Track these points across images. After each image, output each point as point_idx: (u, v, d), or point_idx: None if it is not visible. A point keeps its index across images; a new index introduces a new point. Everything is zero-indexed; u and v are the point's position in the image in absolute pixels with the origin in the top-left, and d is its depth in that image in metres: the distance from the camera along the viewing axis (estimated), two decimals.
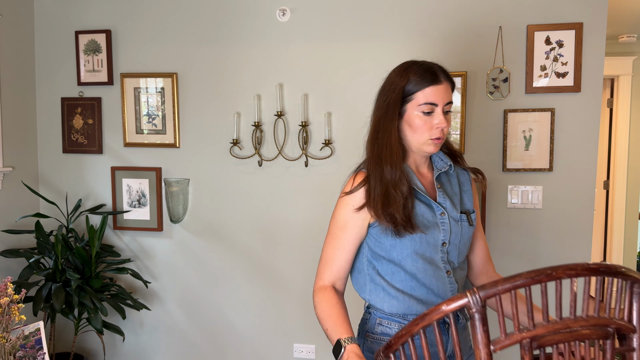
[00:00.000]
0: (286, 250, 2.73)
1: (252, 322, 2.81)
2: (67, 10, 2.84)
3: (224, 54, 2.71)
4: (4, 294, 1.57)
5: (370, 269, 1.45)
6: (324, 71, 2.62)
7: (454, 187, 1.46)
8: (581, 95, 2.41)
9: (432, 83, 1.32)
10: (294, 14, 2.62)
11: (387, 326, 1.43)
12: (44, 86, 2.91)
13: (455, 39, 2.49)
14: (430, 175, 1.46)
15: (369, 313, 1.49)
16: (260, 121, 2.68)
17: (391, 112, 1.35)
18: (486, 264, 1.56)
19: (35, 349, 1.64)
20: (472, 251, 1.54)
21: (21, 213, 2.81)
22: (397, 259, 1.38)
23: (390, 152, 1.35)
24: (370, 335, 1.47)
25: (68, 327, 2.98)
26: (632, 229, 4.56)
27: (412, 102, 1.34)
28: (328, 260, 1.46)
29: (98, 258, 2.65)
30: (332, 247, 1.45)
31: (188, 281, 2.85)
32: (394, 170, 1.34)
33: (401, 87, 1.35)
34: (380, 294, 1.43)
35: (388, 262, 1.40)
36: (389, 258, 1.39)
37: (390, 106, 1.35)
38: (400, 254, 1.37)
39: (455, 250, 1.41)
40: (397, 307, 1.40)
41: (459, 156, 1.51)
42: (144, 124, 2.81)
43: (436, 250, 1.38)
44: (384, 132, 1.36)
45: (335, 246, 1.44)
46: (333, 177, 2.65)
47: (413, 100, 1.33)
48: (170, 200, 2.76)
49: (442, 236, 1.38)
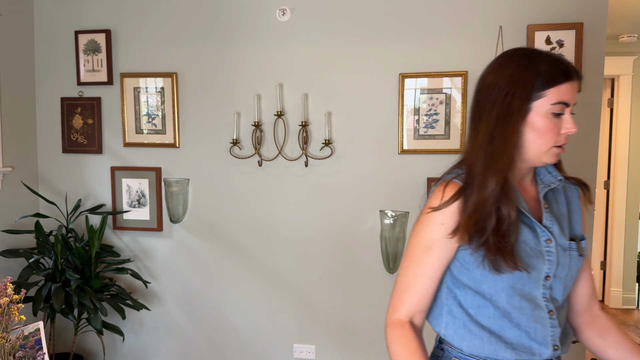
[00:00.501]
0: (286, 250, 2.73)
1: (252, 322, 2.80)
2: (67, 10, 2.84)
3: (224, 53, 2.70)
4: (4, 294, 1.57)
5: (450, 299, 1.20)
6: (324, 71, 2.62)
7: (561, 207, 1.20)
8: (581, 95, 2.41)
9: (567, 79, 1.08)
10: (294, 13, 2.62)
11: None
12: (43, 86, 2.91)
13: (455, 38, 2.49)
14: (533, 190, 1.20)
15: (441, 349, 1.23)
16: (260, 121, 2.68)
17: (516, 112, 1.08)
18: (591, 300, 1.28)
19: (34, 349, 1.63)
20: (576, 284, 1.25)
21: (21, 213, 2.81)
22: (487, 293, 1.13)
23: (505, 161, 1.09)
24: None
25: (68, 327, 2.98)
26: (633, 229, 4.56)
27: (542, 101, 1.08)
28: (407, 289, 1.18)
29: (98, 258, 2.64)
30: (413, 273, 1.17)
31: (188, 281, 2.85)
32: (503, 184, 1.09)
33: (529, 82, 1.08)
34: (460, 330, 1.17)
35: (474, 294, 1.15)
36: (476, 289, 1.15)
37: (515, 104, 1.08)
38: (493, 287, 1.12)
39: (560, 285, 1.15)
40: (479, 349, 1.15)
41: (562, 168, 1.22)
42: (143, 123, 2.81)
43: (537, 285, 1.12)
44: (502, 135, 1.09)
45: (417, 272, 1.17)
46: (333, 177, 2.65)
47: (543, 99, 1.08)
48: (170, 200, 2.76)
49: (547, 268, 1.12)
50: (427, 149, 2.54)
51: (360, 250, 2.66)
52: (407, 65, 2.54)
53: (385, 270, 2.61)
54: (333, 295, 2.71)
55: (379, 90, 2.57)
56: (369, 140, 2.60)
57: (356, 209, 2.64)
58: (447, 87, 2.50)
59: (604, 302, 4.75)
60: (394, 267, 2.57)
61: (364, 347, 2.70)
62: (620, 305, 4.61)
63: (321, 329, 2.74)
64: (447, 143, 2.52)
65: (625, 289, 4.61)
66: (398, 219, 2.52)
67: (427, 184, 2.55)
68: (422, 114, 2.54)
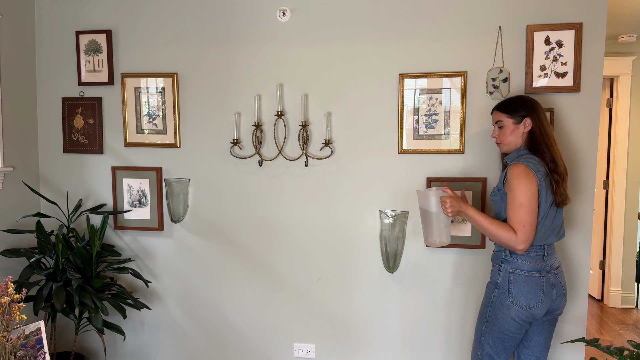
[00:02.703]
0: (286, 249, 2.74)
1: (252, 322, 2.81)
2: (68, 10, 2.85)
3: (224, 54, 2.71)
4: (5, 293, 1.58)
5: None
6: (324, 71, 2.62)
7: (501, 174, 2.22)
8: (581, 95, 2.41)
9: (492, 112, 2.23)
10: (294, 14, 2.63)
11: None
12: (44, 86, 2.92)
13: (455, 38, 2.50)
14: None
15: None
16: (260, 121, 2.68)
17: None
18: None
19: (35, 348, 1.64)
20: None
21: (22, 213, 2.82)
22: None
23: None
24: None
25: (69, 326, 2.99)
26: (632, 228, 4.57)
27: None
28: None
29: (99, 258, 2.65)
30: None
31: (188, 281, 2.86)
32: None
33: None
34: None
35: None
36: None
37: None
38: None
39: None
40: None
41: (505, 157, 2.23)
42: (144, 123, 2.81)
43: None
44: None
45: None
46: (333, 177, 2.66)
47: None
48: (171, 200, 2.76)
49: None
50: (426, 149, 2.55)
51: (360, 250, 2.66)
52: (407, 66, 2.55)
53: (385, 269, 2.61)
54: (333, 295, 2.71)
55: (379, 90, 2.58)
56: (369, 140, 2.61)
57: (356, 209, 2.65)
58: (447, 87, 2.51)
59: (603, 302, 4.76)
60: (393, 266, 2.57)
61: (364, 346, 2.71)
62: (620, 304, 4.62)
63: (321, 328, 2.75)
64: (446, 143, 2.53)
65: (625, 289, 4.62)
66: (398, 219, 2.53)
67: (426, 183, 2.55)
68: (421, 114, 2.54)
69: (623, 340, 3.85)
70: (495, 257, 2.12)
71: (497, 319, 2.05)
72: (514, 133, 2.08)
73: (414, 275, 2.62)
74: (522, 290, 2.00)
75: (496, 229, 1.99)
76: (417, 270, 2.62)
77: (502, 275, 2.05)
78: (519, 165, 1.98)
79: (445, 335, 2.62)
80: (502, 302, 2.03)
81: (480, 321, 2.14)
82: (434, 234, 2.21)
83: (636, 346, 1.72)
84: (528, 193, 1.94)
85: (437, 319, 2.62)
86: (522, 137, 2.09)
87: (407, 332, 2.66)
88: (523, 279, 2.00)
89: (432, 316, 2.63)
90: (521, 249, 1.97)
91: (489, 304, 2.09)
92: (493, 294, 2.08)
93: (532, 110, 2.06)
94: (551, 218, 2.03)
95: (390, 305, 2.66)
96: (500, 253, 2.09)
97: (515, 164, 2.00)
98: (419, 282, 2.62)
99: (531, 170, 1.96)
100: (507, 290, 2.02)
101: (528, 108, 2.06)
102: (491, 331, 2.08)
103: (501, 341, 2.06)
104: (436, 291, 2.61)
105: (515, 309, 2.00)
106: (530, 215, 1.95)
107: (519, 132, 2.08)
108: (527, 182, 1.94)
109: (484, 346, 2.10)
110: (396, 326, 2.66)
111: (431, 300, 2.62)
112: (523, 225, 1.95)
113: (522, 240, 1.95)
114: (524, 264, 2.01)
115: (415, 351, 2.66)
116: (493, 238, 2.02)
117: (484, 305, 2.13)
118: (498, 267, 2.08)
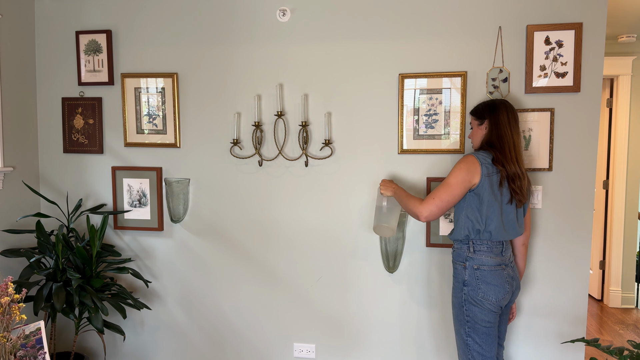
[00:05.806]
0: (286, 249, 2.74)
1: (252, 322, 2.81)
2: (68, 10, 2.85)
3: (224, 54, 2.71)
4: (5, 293, 1.58)
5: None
6: (324, 71, 2.63)
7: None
8: (581, 95, 2.42)
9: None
10: (294, 14, 2.63)
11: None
12: (44, 86, 2.92)
13: (455, 38, 2.50)
14: None
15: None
16: (260, 121, 2.68)
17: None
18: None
19: (35, 348, 1.64)
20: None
21: (22, 213, 2.82)
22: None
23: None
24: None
25: (69, 326, 2.99)
26: (632, 228, 4.57)
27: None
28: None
29: (99, 258, 2.65)
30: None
31: (188, 281, 2.86)
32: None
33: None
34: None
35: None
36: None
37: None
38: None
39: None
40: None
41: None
42: (144, 123, 2.81)
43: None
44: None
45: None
46: (333, 177, 2.66)
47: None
48: (171, 200, 2.76)
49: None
50: (426, 149, 2.55)
51: (360, 250, 2.66)
52: (407, 66, 2.55)
53: (385, 269, 2.61)
54: (333, 295, 2.71)
55: (379, 90, 2.58)
56: (369, 140, 2.61)
57: (356, 209, 2.65)
58: (447, 87, 2.51)
59: (603, 302, 4.76)
60: (393, 266, 2.57)
61: (364, 346, 2.71)
62: (620, 304, 4.62)
63: (321, 328, 2.75)
64: (446, 143, 2.53)
65: (625, 289, 4.62)
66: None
67: (426, 183, 2.55)
68: (421, 114, 2.54)
69: (623, 340, 3.85)
70: (458, 256, 2.19)
71: (476, 315, 2.11)
72: (477, 133, 2.24)
73: (414, 276, 2.62)
74: (489, 285, 2.08)
75: (410, 199, 2.19)
76: (417, 271, 2.62)
77: (468, 272, 2.12)
78: (469, 155, 2.13)
79: (445, 336, 2.62)
80: (475, 299, 2.10)
81: (459, 323, 2.17)
82: (379, 219, 2.39)
83: (636, 346, 1.72)
84: (459, 177, 2.07)
85: (437, 319, 2.62)
86: (484, 137, 2.21)
87: (407, 332, 2.66)
88: (489, 273, 2.09)
89: (432, 316, 2.63)
90: (424, 218, 2.10)
91: (462, 304, 2.14)
92: (463, 292, 2.13)
93: (491, 113, 2.18)
94: (508, 214, 2.11)
95: (390, 305, 2.66)
96: (462, 251, 2.16)
97: (468, 154, 2.14)
98: (419, 282, 2.62)
99: (478, 160, 2.08)
100: (476, 287, 2.10)
101: (489, 111, 2.19)
102: (474, 329, 2.12)
103: (486, 335, 2.12)
104: (436, 291, 2.61)
105: (487, 303, 2.09)
106: (447, 195, 2.08)
107: (481, 133, 2.22)
108: (465, 169, 2.08)
109: (471, 346, 2.13)
110: (396, 326, 2.66)
111: (431, 301, 2.62)
112: (433, 198, 2.09)
113: (425, 208, 2.10)
114: (487, 259, 2.10)
115: (415, 351, 2.66)
116: (407, 209, 2.21)
117: (457, 306, 2.17)
118: (463, 265, 2.15)
